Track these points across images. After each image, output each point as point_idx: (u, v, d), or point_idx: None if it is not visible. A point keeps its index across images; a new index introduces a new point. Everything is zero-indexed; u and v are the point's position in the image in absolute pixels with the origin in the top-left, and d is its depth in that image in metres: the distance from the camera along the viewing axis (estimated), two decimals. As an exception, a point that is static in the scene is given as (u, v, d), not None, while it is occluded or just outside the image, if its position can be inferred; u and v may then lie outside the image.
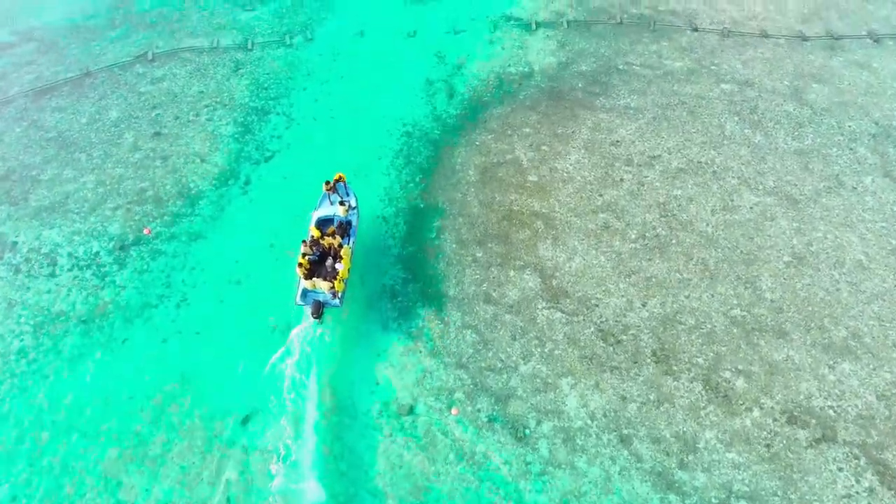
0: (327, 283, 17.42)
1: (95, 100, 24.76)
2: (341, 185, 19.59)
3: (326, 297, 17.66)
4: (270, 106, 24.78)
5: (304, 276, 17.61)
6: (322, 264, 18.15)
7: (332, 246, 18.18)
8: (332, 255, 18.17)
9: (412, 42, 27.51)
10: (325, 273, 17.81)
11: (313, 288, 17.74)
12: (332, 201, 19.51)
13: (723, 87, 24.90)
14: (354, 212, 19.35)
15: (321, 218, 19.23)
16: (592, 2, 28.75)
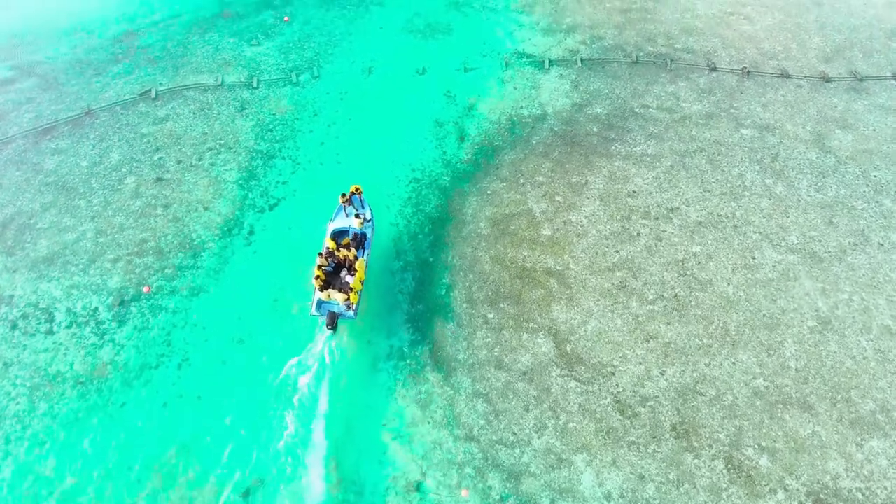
0: (342, 295, 18.19)
1: (96, 141, 24.49)
2: (356, 198, 20.36)
3: (341, 308, 18.40)
4: (276, 149, 24.45)
5: (320, 288, 18.32)
6: (337, 276, 19.15)
7: (347, 258, 19.04)
8: (347, 268, 19.09)
9: (421, 80, 27.16)
10: (339, 285, 18.73)
11: (328, 299, 18.38)
12: (348, 213, 20.39)
13: (743, 132, 24.44)
14: (370, 224, 20.25)
15: (336, 230, 20.09)
16: (607, 39, 28.35)
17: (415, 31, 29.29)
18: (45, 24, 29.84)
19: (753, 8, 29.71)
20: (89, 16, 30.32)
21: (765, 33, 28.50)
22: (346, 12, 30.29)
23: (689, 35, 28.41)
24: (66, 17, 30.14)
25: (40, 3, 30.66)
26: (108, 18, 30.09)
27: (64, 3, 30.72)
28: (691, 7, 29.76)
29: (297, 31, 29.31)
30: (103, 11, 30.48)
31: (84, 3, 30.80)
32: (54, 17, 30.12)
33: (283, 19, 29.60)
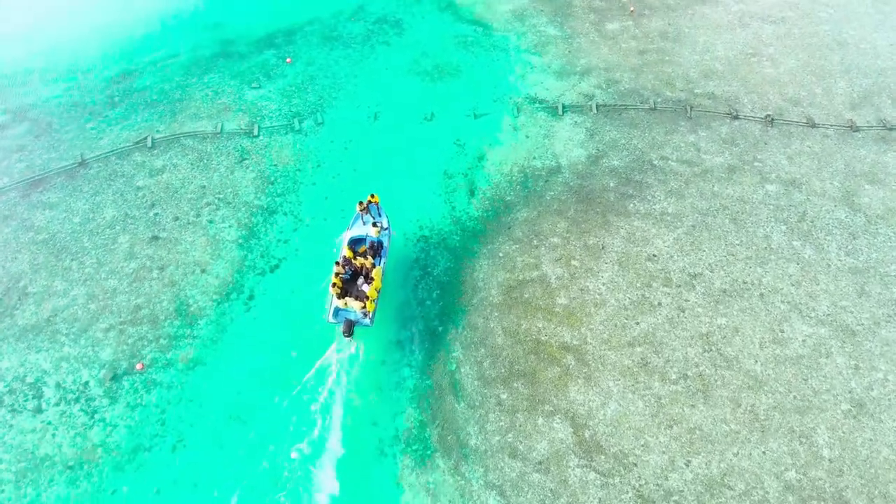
0: (359, 303, 18.66)
1: (90, 195, 23.81)
2: (374, 206, 20.82)
3: (358, 316, 18.85)
4: (277, 204, 23.73)
5: (338, 296, 18.74)
6: (354, 283, 19.61)
7: (363, 266, 19.59)
8: (364, 276, 19.56)
9: (429, 127, 26.45)
10: (356, 292, 19.19)
11: (345, 307, 18.83)
12: (365, 222, 20.84)
13: (767, 188, 23.63)
14: (386, 233, 20.64)
15: (353, 238, 20.58)
16: (623, 83, 27.59)
17: (422, 73, 28.58)
18: (40, 64, 29.22)
19: (775, 48, 28.93)
20: (86, 54, 29.72)
21: (788, 77, 27.72)
22: (351, 52, 29.62)
23: (710, 79, 27.64)
24: (61, 56, 29.54)
25: (35, 42, 29.99)
26: (105, 57, 29.49)
27: (60, 42, 30.08)
28: (711, 48, 29.00)
29: (300, 73, 28.63)
30: (100, 49, 29.90)
31: (81, 41, 30.20)
32: (49, 56, 29.53)
33: (285, 60, 28.87)
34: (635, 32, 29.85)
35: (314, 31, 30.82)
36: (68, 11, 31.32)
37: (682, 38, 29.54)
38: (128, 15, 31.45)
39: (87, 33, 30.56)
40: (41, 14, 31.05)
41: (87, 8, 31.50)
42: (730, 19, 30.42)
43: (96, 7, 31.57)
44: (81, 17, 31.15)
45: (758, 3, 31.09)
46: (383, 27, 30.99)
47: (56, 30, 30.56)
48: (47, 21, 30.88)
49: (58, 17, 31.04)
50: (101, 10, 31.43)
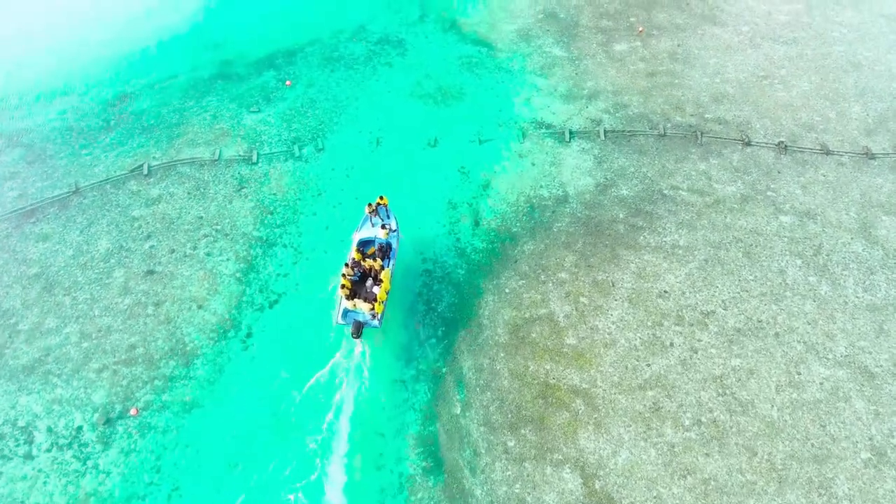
0: (367, 305, 19.10)
1: (84, 226, 23.33)
2: (382, 209, 21.16)
3: (366, 317, 19.30)
4: (276, 235, 23.24)
5: (347, 297, 19.09)
6: (363, 285, 19.89)
7: (372, 268, 19.87)
8: (373, 277, 19.84)
9: (433, 153, 25.97)
10: (365, 294, 19.53)
11: (354, 308, 19.29)
12: (374, 224, 21.19)
13: (782, 219, 23.10)
14: (395, 235, 21.03)
15: (362, 239, 20.97)
16: (632, 107, 27.08)
17: (425, 96, 28.10)
18: (35, 85, 28.77)
19: (788, 71, 28.43)
20: (81, 75, 29.30)
21: (801, 100, 27.20)
22: (353, 73, 29.15)
23: (720, 103, 27.13)
24: (56, 77, 29.08)
25: (30, 62, 29.56)
26: (102, 78, 29.06)
27: (56, 62, 29.64)
28: (721, 70, 28.49)
29: (301, 96, 28.17)
30: (97, 70, 29.48)
31: (77, 61, 29.79)
32: (45, 77, 29.09)
33: (284, 83, 28.40)
34: (644, 53, 29.36)
35: (315, 51, 30.36)
36: (64, 31, 30.88)
37: (691, 60, 29.04)
38: (125, 34, 31.01)
39: (84, 53, 30.14)
40: (36, 34, 30.63)
41: (83, 27, 31.07)
42: (740, 40, 29.92)
43: (93, 26, 31.14)
44: (78, 37, 30.74)
45: (769, 23, 30.60)
46: (385, 47, 30.53)
47: (51, 50, 30.14)
48: (42, 41, 30.46)
49: (53, 37, 30.63)
50: (97, 29, 31.01)
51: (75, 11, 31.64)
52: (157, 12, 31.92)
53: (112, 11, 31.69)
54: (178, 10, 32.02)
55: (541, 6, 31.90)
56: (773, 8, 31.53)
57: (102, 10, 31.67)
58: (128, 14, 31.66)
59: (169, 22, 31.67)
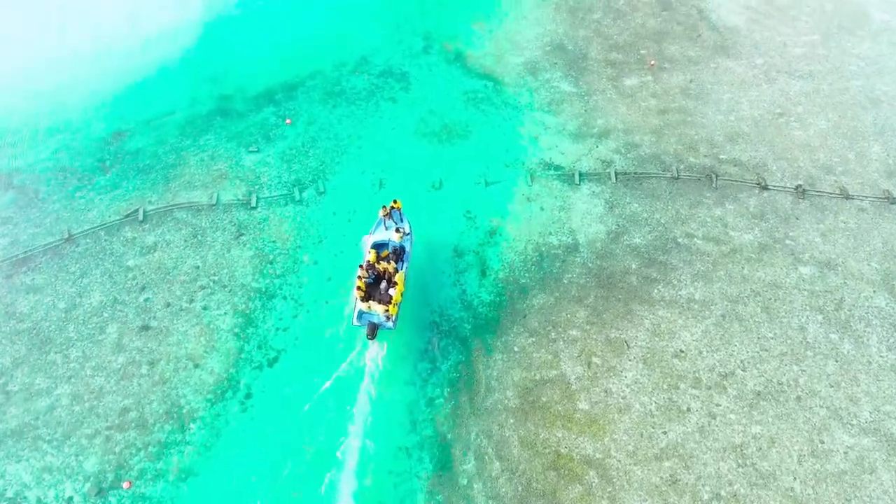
0: (382, 307, 19.65)
1: (77, 277, 22.71)
2: (396, 212, 21.59)
3: (381, 319, 19.84)
4: (276, 287, 22.61)
5: (362, 299, 19.65)
6: (377, 287, 20.39)
7: (386, 270, 20.44)
8: (387, 280, 20.39)
9: (438, 197, 25.34)
10: (379, 296, 20.02)
11: (369, 310, 19.90)
12: (388, 227, 21.70)
13: (801, 270, 22.42)
14: (408, 238, 21.43)
15: (376, 242, 21.47)
16: (643, 147, 26.43)
17: (429, 134, 27.50)
18: (27, 123, 28.21)
19: (804, 107, 27.77)
20: (75, 111, 28.75)
21: (819, 140, 26.54)
22: (355, 109, 28.53)
23: (735, 142, 26.47)
24: (50, 114, 28.52)
25: (23, 98, 29.00)
26: (97, 115, 28.50)
27: (49, 98, 29.09)
28: (736, 107, 27.85)
29: (301, 134, 27.58)
30: (92, 106, 28.93)
31: (71, 97, 29.22)
32: (38, 114, 28.51)
33: (284, 121, 27.80)
34: (655, 89, 28.72)
35: (316, 85, 29.76)
36: (58, 65, 30.32)
37: (704, 96, 28.40)
38: (121, 67, 30.47)
39: (79, 87, 29.62)
40: (29, 69, 30.08)
41: (78, 61, 30.52)
42: (755, 74, 29.28)
43: (88, 60, 30.60)
44: (73, 71, 30.19)
45: (783, 56, 29.95)
46: (388, 81, 29.92)
47: (46, 85, 29.62)
48: (36, 76, 29.90)
49: (47, 72, 30.06)
50: (93, 63, 30.50)
51: (70, 45, 31.11)
52: (154, 44, 31.37)
53: (107, 44, 31.15)
54: (175, 42, 31.47)
55: (548, 38, 31.28)
56: (787, 39, 30.89)
57: (98, 42, 31.13)
58: (124, 46, 31.11)
59: (166, 54, 31.11)
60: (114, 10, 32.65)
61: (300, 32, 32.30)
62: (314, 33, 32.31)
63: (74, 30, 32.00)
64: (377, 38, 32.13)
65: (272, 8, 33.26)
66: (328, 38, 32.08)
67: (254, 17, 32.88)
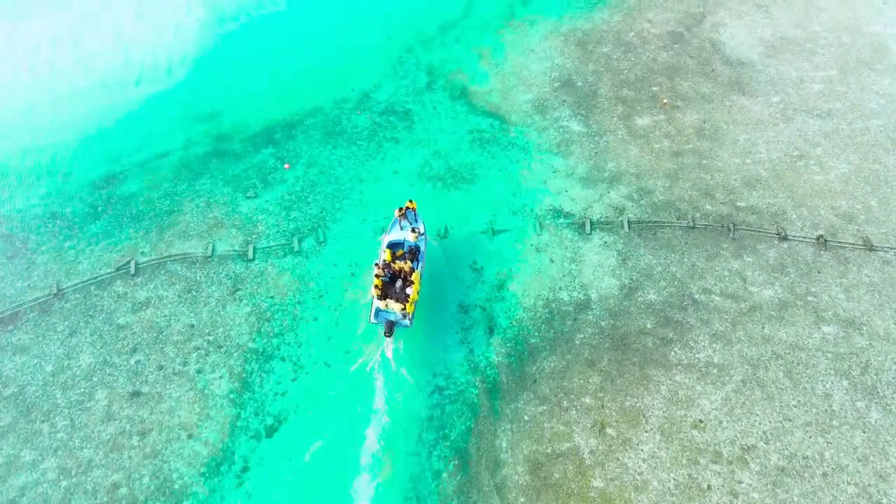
0: (399, 305, 20.19)
1: (65, 336, 21.92)
2: (411, 212, 22.33)
3: (397, 317, 20.36)
4: (274, 347, 21.81)
5: (378, 297, 20.26)
6: (393, 286, 20.96)
7: (402, 269, 21.02)
8: (403, 279, 20.96)
9: (443, 246, 24.51)
10: (395, 294, 20.59)
11: (386, 308, 20.39)
12: (403, 227, 22.34)
13: (824, 330, 21.58)
14: (423, 238, 22.12)
15: (392, 242, 22.03)
16: (657, 193, 25.63)
17: (434, 178, 26.73)
18: (16, 165, 27.47)
19: (823, 149, 26.97)
20: (67, 152, 28.03)
21: (839, 185, 25.73)
22: (356, 150, 27.78)
23: (753, 188, 25.66)
24: (40, 155, 27.74)
25: (12, 138, 28.22)
26: (89, 156, 27.80)
27: (39, 138, 28.36)
28: (752, 148, 27.04)
29: (301, 178, 26.84)
30: (84, 146, 28.25)
31: (62, 136, 28.48)
32: (27, 156, 27.76)
33: (283, 166, 27.03)
34: (668, 129, 27.92)
35: (316, 124, 29.02)
36: (48, 102, 29.61)
37: (720, 137, 27.60)
38: (114, 104, 29.83)
39: (70, 127, 28.89)
40: (18, 106, 29.36)
41: (69, 97, 29.81)
42: (771, 112, 28.49)
43: (80, 96, 29.88)
44: (64, 109, 29.45)
45: (800, 93, 29.17)
46: (391, 119, 29.17)
47: (35, 123, 28.87)
48: (25, 113, 29.17)
49: (37, 109, 29.33)
50: (84, 101, 29.74)
51: (61, 79, 30.45)
52: (148, 79, 30.67)
53: (100, 79, 30.48)
54: (169, 77, 30.79)
55: (556, 73, 30.52)
56: (804, 74, 30.11)
57: (90, 77, 30.46)
58: (117, 82, 30.43)
59: (160, 90, 30.42)
60: (106, 43, 31.96)
61: (299, 67, 31.60)
62: (314, 68, 31.62)
63: (65, 63, 31.32)
64: (379, 73, 31.39)
65: (270, 42, 32.56)
66: (328, 72, 31.36)
67: (251, 51, 32.18)
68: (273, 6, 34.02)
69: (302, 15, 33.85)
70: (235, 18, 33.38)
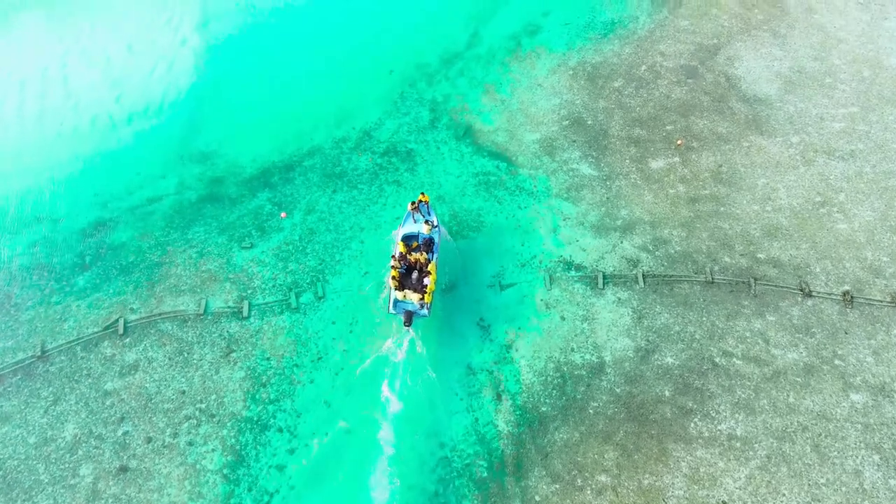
0: (417, 295, 21.06)
1: (49, 403, 20.95)
2: (423, 206, 22.95)
3: (415, 307, 21.14)
4: (269, 415, 20.84)
5: (396, 288, 21.15)
6: (409, 277, 22.00)
7: (418, 261, 22.02)
8: (418, 270, 22.06)
9: (448, 301, 23.69)
10: (412, 285, 21.57)
11: (404, 299, 21.12)
12: (416, 220, 22.91)
13: (853, 398, 20.55)
14: (436, 230, 22.69)
15: (406, 234, 22.61)
16: (673, 243, 24.62)
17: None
18: (1, 209, 26.44)
19: (846, 195, 25.96)
20: (55, 196, 27.07)
21: (864, 234, 24.72)
22: (357, 194, 26.83)
23: (774, 238, 24.65)
24: (27, 200, 26.83)
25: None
26: (77, 202, 26.83)
27: (26, 180, 27.39)
28: (772, 194, 26.05)
29: (299, 225, 25.90)
30: (73, 191, 27.24)
31: (50, 180, 27.53)
32: (12, 200, 26.79)
33: (280, 215, 26.09)
34: (683, 173, 26.94)
35: (315, 165, 28.08)
36: (36, 142, 28.67)
37: (737, 181, 26.61)
38: (104, 145, 28.89)
39: (59, 169, 27.99)
40: (3, 148, 28.42)
41: (58, 137, 28.89)
42: (791, 154, 27.49)
43: (69, 136, 28.99)
44: (52, 149, 28.54)
45: (821, 133, 28.17)
46: (393, 160, 28.22)
47: (22, 165, 27.92)
48: (11, 155, 28.21)
49: (24, 150, 28.41)
50: (74, 140, 28.86)
51: (49, 117, 29.47)
52: (140, 117, 29.79)
53: (89, 118, 29.52)
54: (162, 115, 29.90)
55: (565, 110, 29.56)
56: (824, 112, 29.12)
57: (79, 117, 29.49)
58: (107, 120, 29.57)
59: (153, 128, 29.53)
60: (96, 78, 31.04)
61: (298, 102, 30.73)
62: (313, 103, 30.72)
63: (54, 100, 30.40)
64: (380, 109, 30.48)
65: (267, 76, 31.67)
66: (327, 108, 30.46)
67: (247, 85, 31.29)
68: (271, 38, 33.13)
69: (300, 47, 32.96)
70: (231, 51, 32.49)
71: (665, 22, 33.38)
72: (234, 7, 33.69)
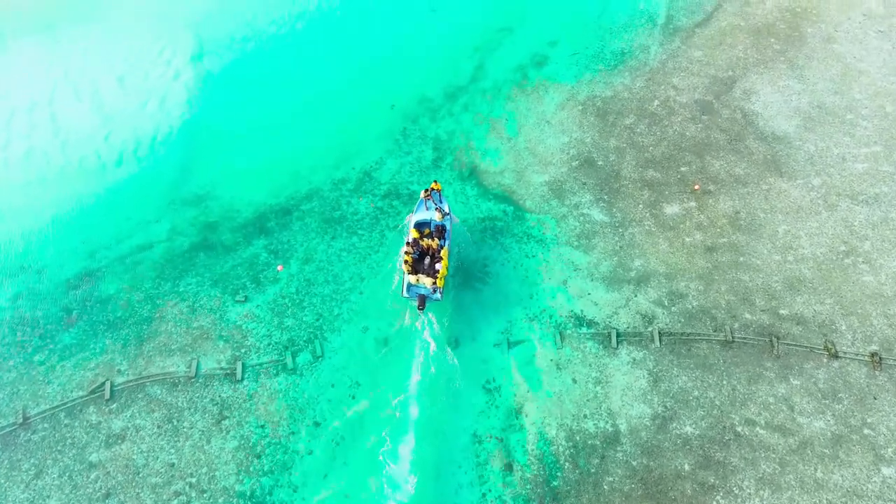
0: (430, 280, 21.95)
1: (31, 476, 20.02)
2: (436, 193, 23.84)
3: (428, 291, 22.06)
4: (264, 490, 19.91)
5: (410, 272, 22.08)
6: (421, 262, 22.93)
7: (430, 247, 23.07)
8: (431, 256, 23.05)
9: (454, 355, 22.48)
10: (424, 270, 22.53)
11: (417, 283, 22.04)
12: (429, 207, 23.87)
13: (884, 472, 19.56)
14: (448, 217, 23.67)
15: (419, 221, 23.63)
16: (690, 298, 23.64)
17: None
18: (-16, 258, 25.55)
19: (872, 243, 24.97)
20: (40, 242, 26.17)
21: (892, 288, 23.79)
22: (357, 241, 25.89)
23: (796, 292, 23.66)
24: (10, 248, 25.86)
25: (-20, 227, 26.40)
26: (63, 250, 25.93)
27: (9, 225, 26.41)
28: (794, 242, 25.05)
29: (296, 276, 24.98)
30: (60, 239, 26.33)
31: (35, 224, 26.64)
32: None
33: (277, 267, 25.12)
34: (700, 219, 25.95)
35: (313, 209, 27.14)
36: (20, 186, 27.78)
37: (757, 228, 25.63)
38: (93, 187, 27.99)
39: (44, 214, 27.05)
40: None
41: (43, 181, 27.98)
42: (812, 198, 26.50)
43: (56, 179, 28.04)
44: (37, 193, 27.60)
45: (843, 174, 27.21)
46: (394, 203, 27.28)
47: (4, 209, 26.91)
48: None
49: (7, 194, 27.46)
50: (61, 183, 27.92)
51: (34, 162, 28.56)
52: (131, 158, 28.92)
53: (77, 159, 28.62)
54: (154, 155, 29.00)
55: (575, 149, 28.62)
56: (846, 151, 28.14)
57: (66, 158, 28.58)
58: (96, 161, 28.66)
59: (143, 169, 28.64)
60: (85, 115, 30.12)
61: (295, 141, 29.81)
62: (311, 141, 29.80)
63: (40, 140, 29.44)
64: (381, 148, 29.56)
65: (263, 114, 30.72)
66: (326, 147, 29.53)
67: (243, 124, 30.35)
68: (267, 72, 32.20)
69: (298, 81, 32.04)
70: (226, 85, 31.57)
71: (678, 52, 32.42)
72: (229, 39, 32.77)
